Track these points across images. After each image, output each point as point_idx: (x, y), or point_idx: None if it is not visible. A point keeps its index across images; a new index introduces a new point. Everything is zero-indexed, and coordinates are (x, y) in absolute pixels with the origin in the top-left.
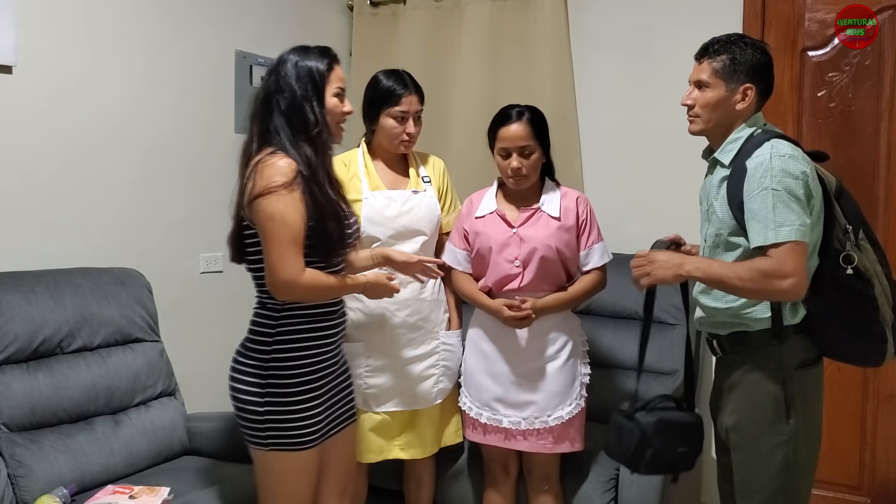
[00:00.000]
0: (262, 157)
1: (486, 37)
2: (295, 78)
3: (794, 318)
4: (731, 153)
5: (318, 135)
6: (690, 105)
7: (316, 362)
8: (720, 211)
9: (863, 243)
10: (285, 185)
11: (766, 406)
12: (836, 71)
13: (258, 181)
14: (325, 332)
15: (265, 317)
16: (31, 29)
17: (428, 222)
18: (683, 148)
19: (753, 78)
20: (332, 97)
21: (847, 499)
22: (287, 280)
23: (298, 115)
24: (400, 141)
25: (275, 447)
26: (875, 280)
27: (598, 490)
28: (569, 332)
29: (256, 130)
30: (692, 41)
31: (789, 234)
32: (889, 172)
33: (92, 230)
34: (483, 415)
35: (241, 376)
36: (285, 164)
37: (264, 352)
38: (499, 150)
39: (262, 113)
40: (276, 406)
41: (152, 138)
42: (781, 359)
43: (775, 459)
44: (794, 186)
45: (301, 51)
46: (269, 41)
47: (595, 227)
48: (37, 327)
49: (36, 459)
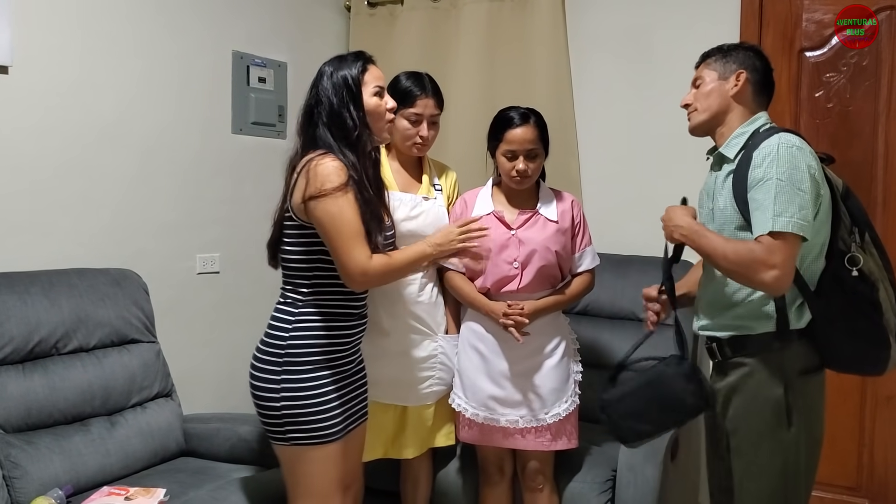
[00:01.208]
0: (312, 157)
1: (484, 37)
2: (332, 88)
3: (798, 323)
4: (737, 147)
5: (358, 138)
6: (689, 103)
7: (332, 359)
8: (724, 205)
9: (868, 247)
10: (340, 187)
11: (767, 412)
12: (834, 71)
13: (313, 180)
14: (342, 332)
15: (284, 312)
16: (27, 29)
17: (434, 230)
18: (681, 149)
19: (745, 65)
20: (371, 97)
21: (845, 500)
22: (360, 269)
23: (339, 123)
24: (413, 143)
25: (295, 442)
26: (880, 284)
27: (595, 490)
28: (561, 331)
29: (301, 142)
30: (690, 42)
31: (786, 224)
32: (887, 173)
33: (88, 231)
34: (480, 414)
35: (258, 373)
36: (338, 166)
37: (280, 346)
38: (504, 152)
39: (305, 126)
40: (292, 401)
41: (149, 138)
42: (784, 364)
43: (775, 466)
44: (799, 178)
45: (336, 61)
46: (266, 41)
47: (587, 230)
48: (32, 328)
49: (31, 461)
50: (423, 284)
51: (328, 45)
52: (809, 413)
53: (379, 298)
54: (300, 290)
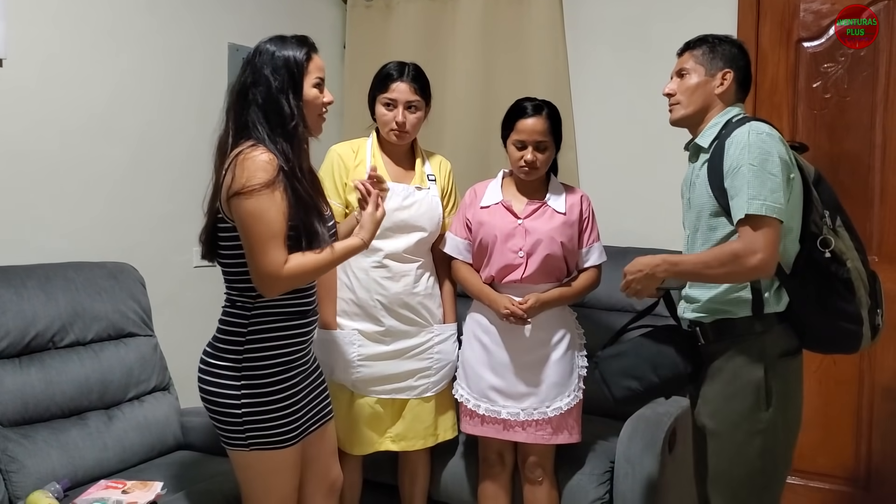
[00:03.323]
0: (242, 150)
1: (481, 29)
2: (271, 70)
3: (777, 306)
4: (711, 136)
5: (294, 129)
6: (671, 93)
7: (290, 360)
8: (700, 192)
9: (839, 229)
10: (267, 183)
11: (747, 393)
12: (832, 62)
13: (239, 176)
14: (298, 330)
15: (236, 315)
16: (21, 22)
17: (428, 220)
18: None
19: (731, 65)
20: (310, 88)
21: (843, 490)
22: (269, 274)
23: (275, 109)
24: (389, 129)
25: (256, 447)
26: (850, 263)
27: (593, 482)
28: (567, 324)
29: (232, 125)
30: (688, 33)
31: (759, 207)
32: (884, 163)
33: (84, 224)
34: (481, 405)
35: (214, 378)
36: (267, 159)
37: (237, 352)
38: (514, 142)
39: (237, 107)
40: (253, 406)
41: (145, 131)
42: (765, 347)
43: (752, 447)
44: (770, 163)
45: (278, 40)
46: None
47: (596, 226)
48: (29, 322)
49: (28, 455)
50: (420, 275)
51: (324, 38)
52: (787, 395)
53: (376, 292)
54: (247, 293)
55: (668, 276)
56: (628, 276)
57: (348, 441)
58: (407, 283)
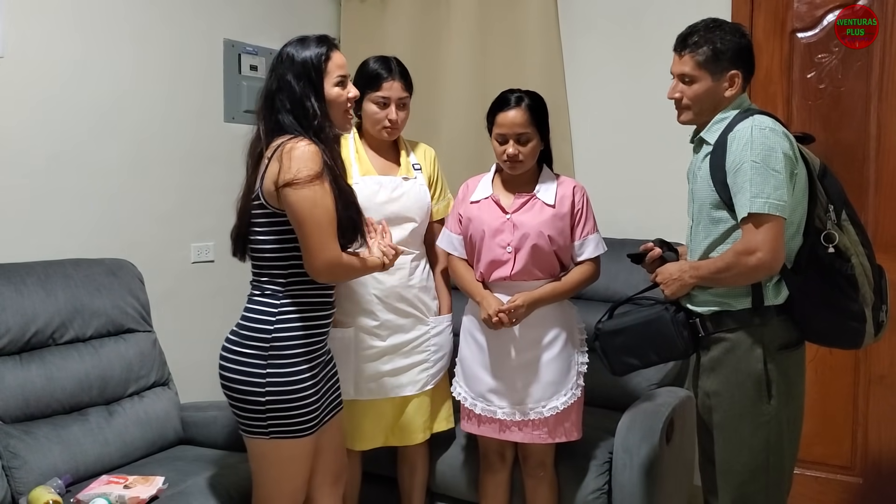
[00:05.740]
0: (284, 141)
1: (475, 22)
2: (293, 75)
3: (776, 299)
4: (717, 133)
5: (320, 128)
6: (678, 98)
7: (314, 349)
8: (701, 185)
9: (845, 224)
10: (319, 173)
11: (748, 386)
12: (826, 52)
13: (289, 166)
14: (321, 321)
15: (265, 304)
16: (19, 18)
17: (418, 210)
18: (675, 132)
19: (738, 63)
20: (332, 87)
21: (839, 479)
22: (332, 261)
23: (302, 112)
24: (382, 127)
25: (275, 435)
26: (855, 259)
27: (593, 474)
28: (564, 322)
29: (264, 128)
30: (682, 23)
31: (762, 206)
32: (879, 153)
33: (83, 221)
34: (477, 405)
35: (238, 366)
36: (314, 150)
37: (264, 339)
38: (496, 136)
39: (266, 112)
40: (277, 395)
41: (142, 128)
42: (764, 339)
43: (757, 440)
44: (773, 159)
45: (298, 43)
46: (257, 29)
47: (591, 218)
48: (29, 319)
49: (30, 451)
50: (414, 268)
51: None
52: (789, 387)
53: (371, 287)
54: (277, 280)
55: (694, 281)
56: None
57: (349, 437)
58: (402, 276)
